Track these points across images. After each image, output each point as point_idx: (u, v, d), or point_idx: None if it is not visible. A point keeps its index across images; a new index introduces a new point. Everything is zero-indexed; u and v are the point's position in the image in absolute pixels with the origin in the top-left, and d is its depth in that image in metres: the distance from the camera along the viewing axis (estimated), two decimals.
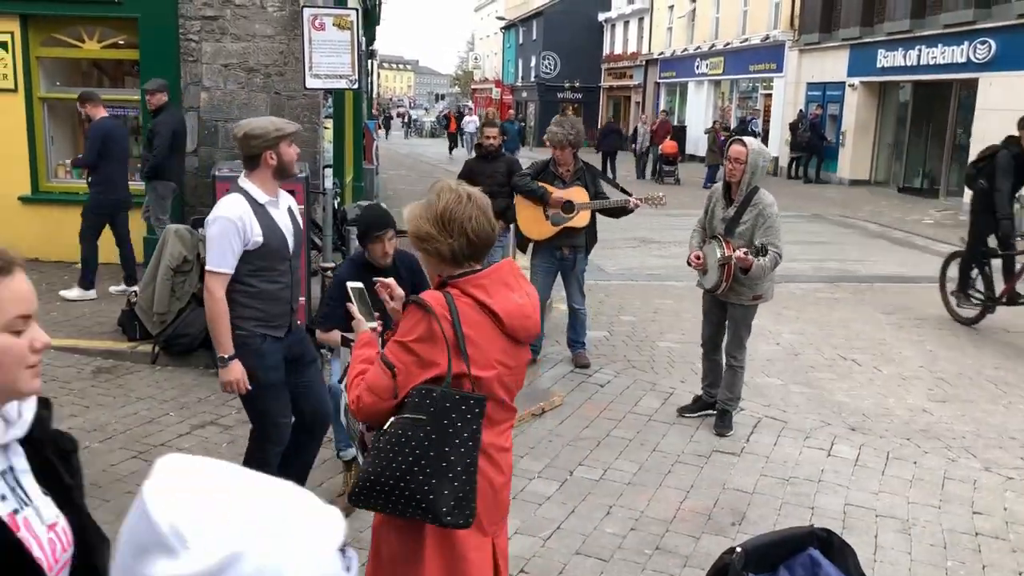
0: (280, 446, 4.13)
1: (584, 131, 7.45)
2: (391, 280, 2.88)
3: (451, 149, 35.85)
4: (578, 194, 6.79)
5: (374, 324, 2.85)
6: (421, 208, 2.50)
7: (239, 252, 3.74)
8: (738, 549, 1.83)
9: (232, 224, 3.70)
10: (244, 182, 3.86)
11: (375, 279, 2.92)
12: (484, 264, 2.58)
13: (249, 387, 3.87)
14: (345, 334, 4.73)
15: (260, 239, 3.77)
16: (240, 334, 3.85)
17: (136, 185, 9.03)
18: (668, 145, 24.84)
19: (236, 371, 3.82)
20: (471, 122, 35.11)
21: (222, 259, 3.73)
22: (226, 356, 3.80)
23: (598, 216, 7.02)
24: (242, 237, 3.73)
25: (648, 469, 5.27)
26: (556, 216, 6.79)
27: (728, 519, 4.69)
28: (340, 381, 4.66)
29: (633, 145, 27.53)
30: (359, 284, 2.95)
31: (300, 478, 4.23)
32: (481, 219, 2.48)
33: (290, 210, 4.03)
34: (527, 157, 24.29)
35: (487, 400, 2.46)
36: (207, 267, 3.79)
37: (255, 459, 4.12)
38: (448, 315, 2.41)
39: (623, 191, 7.10)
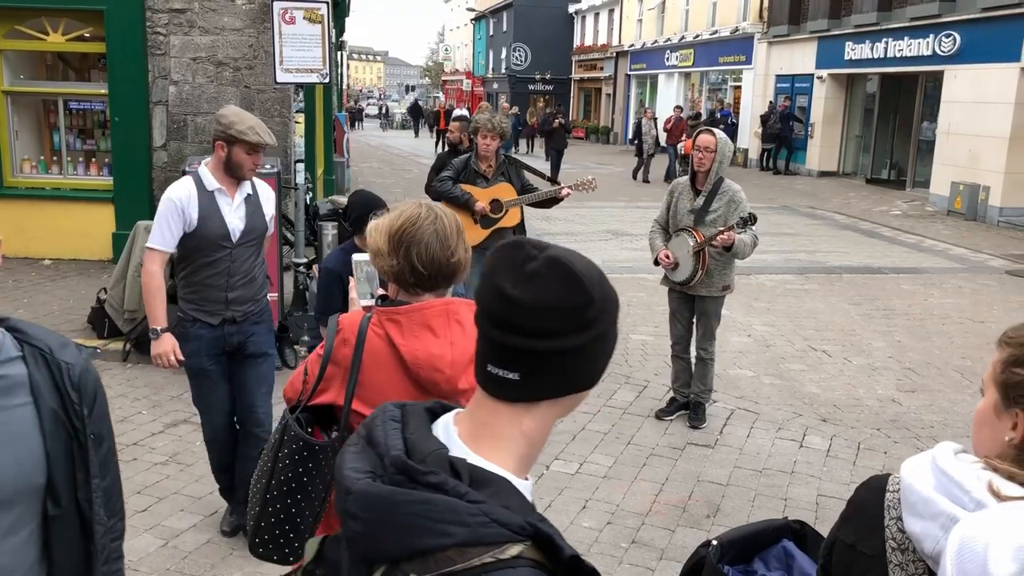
0: (210, 435, 4.18)
1: (509, 125, 7.07)
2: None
3: (437, 145, 34.68)
4: (504, 191, 6.47)
5: (368, 303, 2.56)
6: (385, 219, 2.28)
7: (178, 232, 3.83)
8: (714, 542, 1.85)
9: (173, 204, 3.81)
10: (201, 168, 3.95)
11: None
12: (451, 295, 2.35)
13: (177, 362, 3.92)
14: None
15: (195, 224, 3.84)
16: (179, 315, 3.98)
17: None
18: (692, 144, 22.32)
19: (166, 344, 3.88)
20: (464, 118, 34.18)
21: (160, 237, 3.84)
22: (158, 328, 3.87)
23: (528, 210, 6.74)
24: (182, 217, 3.82)
25: (623, 462, 5.31)
26: (485, 218, 6.45)
27: (703, 511, 4.74)
28: None
29: (635, 144, 23.60)
30: (367, 256, 2.65)
31: (242, 482, 4.12)
32: (434, 246, 2.21)
33: (251, 200, 4.04)
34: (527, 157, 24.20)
35: (324, 450, 2.26)
36: (147, 243, 3.91)
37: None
38: (353, 341, 2.23)
39: (549, 179, 6.84)
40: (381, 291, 2.50)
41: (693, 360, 6.05)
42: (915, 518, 1.27)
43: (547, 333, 1.12)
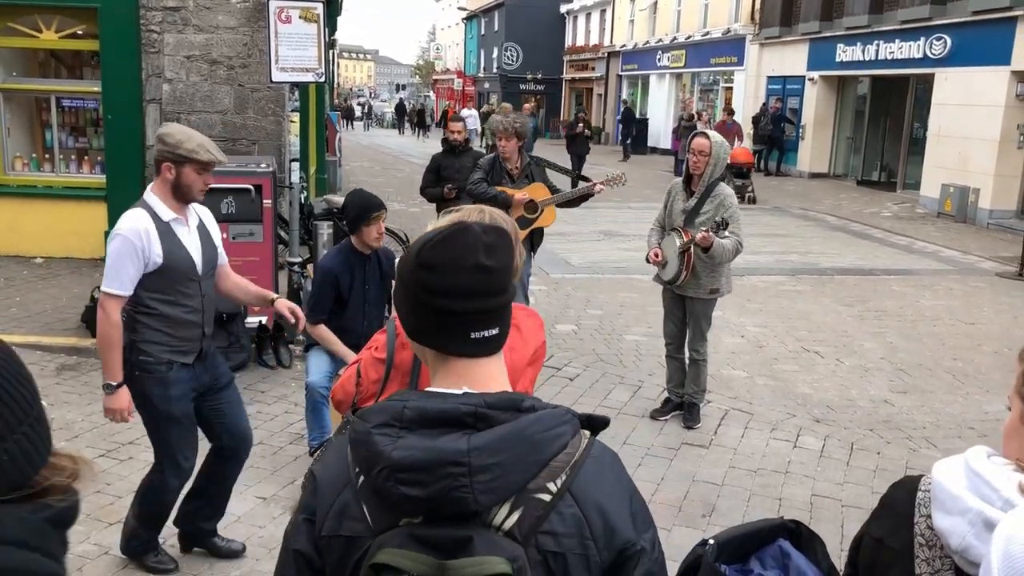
0: (180, 482, 3.86)
1: (528, 125, 7.03)
2: None
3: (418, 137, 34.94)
4: (538, 191, 6.50)
5: None
6: (444, 223, 2.33)
7: (136, 274, 3.49)
8: (711, 541, 1.88)
9: (130, 243, 3.45)
10: (149, 195, 3.59)
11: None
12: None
13: (129, 418, 3.64)
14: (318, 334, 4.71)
15: (160, 260, 3.51)
16: (144, 360, 3.59)
17: None
18: (738, 152, 18.81)
19: (123, 400, 3.58)
20: (470, 117, 32.98)
21: (117, 280, 3.48)
22: (114, 384, 3.55)
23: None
24: (141, 257, 3.48)
25: None
26: (521, 219, 6.37)
27: (699, 511, 4.76)
28: (329, 378, 4.65)
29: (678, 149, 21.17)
30: None
31: (219, 506, 4.07)
32: None
33: (202, 227, 3.76)
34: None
35: None
36: (102, 287, 3.54)
37: (151, 494, 3.85)
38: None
39: (578, 176, 6.92)
40: None
41: (686, 361, 6.08)
42: (944, 514, 1.32)
43: (508, 286, 1.38)
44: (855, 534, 1.61)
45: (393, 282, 2.62)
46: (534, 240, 6.73)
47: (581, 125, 21.44)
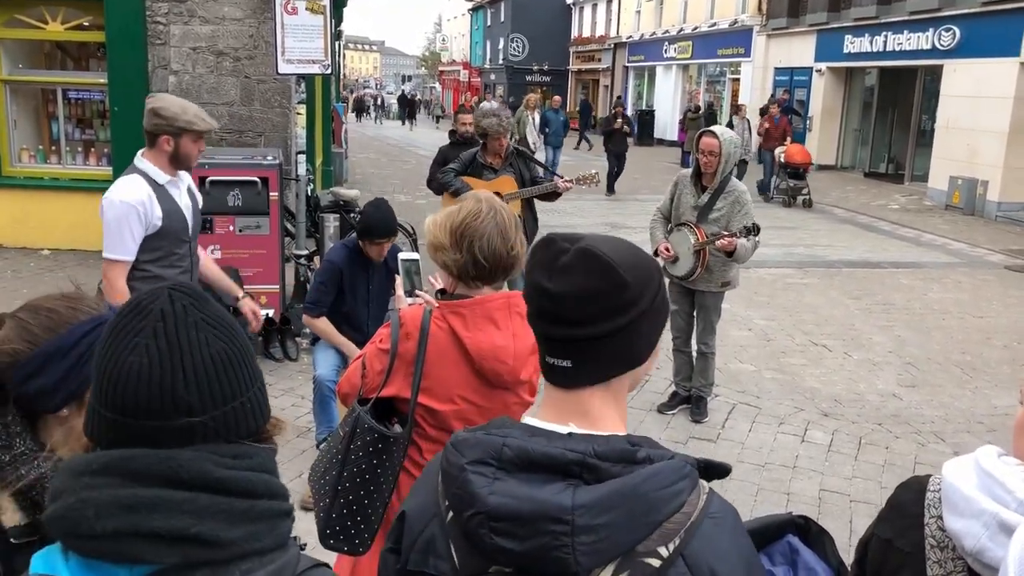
0: None
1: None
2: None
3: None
4: (505, 184, 6.33)
5: (413, 301, 2.57)
6: (443, 216, 2.33)
7: (139, 238, 3.57)
8: None
9: (132, 208, 3.53)
10: (141, 161, 3.67)
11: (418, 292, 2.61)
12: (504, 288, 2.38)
13: None
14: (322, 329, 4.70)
15: (159, 223, 3.60)
16: None
17: None
18: (795, 151, 17.63)
19: None
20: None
21: (120, 246, 3.55)
22: None
23: (539, 203, 6.67)
24: (143, 222, 3.56)
25: None
26: None
27: None
28: (335, 371, 4.63)
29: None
30: (414, 256, 2.71)
31: None
32: (495, 240, 2.27)
33: (190, 190, 3.89)
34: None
35: (397, 442, 2.31)
36: (104, 254, 3.58)
37: None
38: (416, 335, 2.29)
39: (551, 172, 6.80)
40: (437, 285, 2.51)
41: (694, 354, 6.05)
42: (956, 516, 1.30)
43: (588, 320, 1.19)
44: (862, 535, 1.60)
45: (398, 277, 2.62)
46: (527, 230, 6.60)
47: (620, 120, 18.77)
